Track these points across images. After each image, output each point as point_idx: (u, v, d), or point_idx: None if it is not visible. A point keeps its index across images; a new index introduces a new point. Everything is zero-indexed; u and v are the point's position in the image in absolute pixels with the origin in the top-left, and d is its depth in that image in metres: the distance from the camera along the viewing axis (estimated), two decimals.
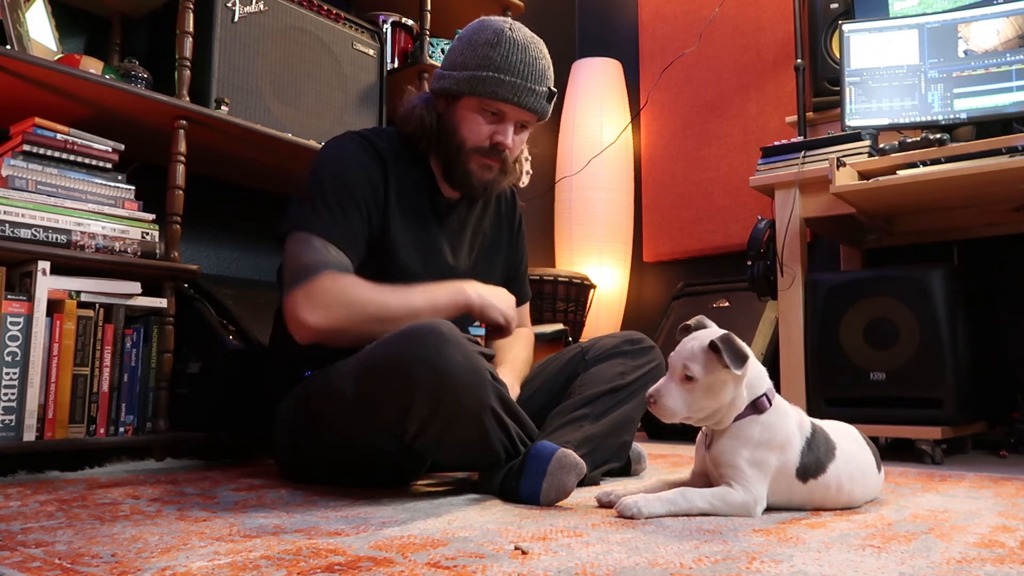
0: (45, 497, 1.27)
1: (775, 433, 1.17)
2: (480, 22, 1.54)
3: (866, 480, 1.27)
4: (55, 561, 0.83)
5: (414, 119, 1.54)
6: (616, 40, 3.68)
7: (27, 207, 1.59)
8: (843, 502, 1.25)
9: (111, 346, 1.70)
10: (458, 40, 1.55)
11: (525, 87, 1.48)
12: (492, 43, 1.48)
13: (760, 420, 1.17)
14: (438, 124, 1.53)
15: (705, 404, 1.14)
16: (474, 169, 1.52)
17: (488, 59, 1.47)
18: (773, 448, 1.16)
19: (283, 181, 2.33)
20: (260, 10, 2.07)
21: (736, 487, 1.15)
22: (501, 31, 1.49)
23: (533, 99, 1.50)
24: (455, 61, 1.52)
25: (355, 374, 1.30)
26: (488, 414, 1.26)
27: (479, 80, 1.47)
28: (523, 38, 1.50)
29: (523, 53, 1.48)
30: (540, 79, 1.50)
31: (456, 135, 1.51)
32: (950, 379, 2.04)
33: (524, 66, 1.48)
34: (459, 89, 1.49)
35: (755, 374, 1.18)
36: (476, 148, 1.51)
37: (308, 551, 0.89)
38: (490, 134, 1.50)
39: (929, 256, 2.57)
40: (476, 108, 1.50)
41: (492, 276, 1.72)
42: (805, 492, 1.20)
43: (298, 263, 1.39)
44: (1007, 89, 2.18)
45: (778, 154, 2.40)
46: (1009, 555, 0.92)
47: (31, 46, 1.71)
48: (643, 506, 1.12)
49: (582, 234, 3.34)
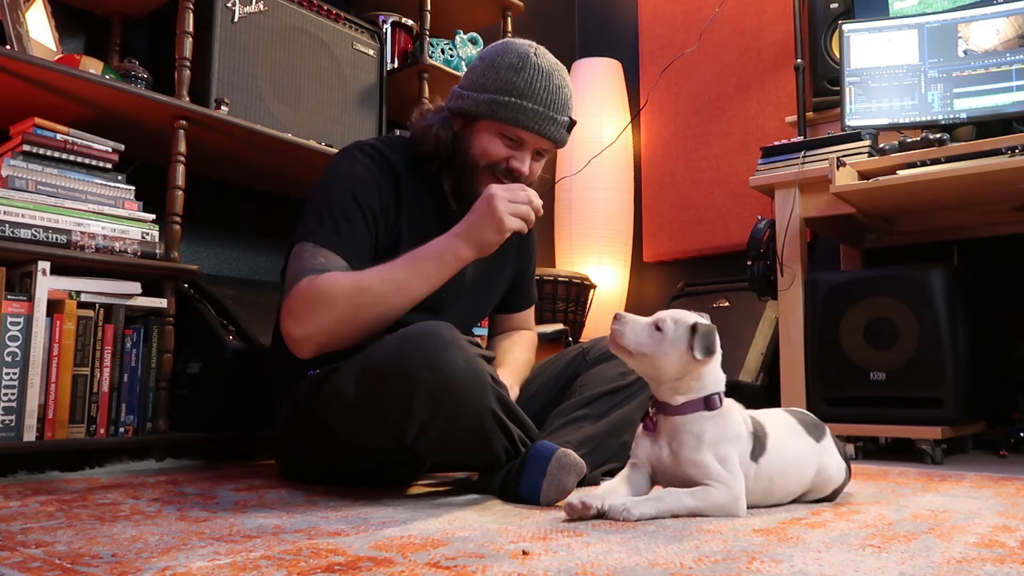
0: (45, 497, 1.27)
1: (728, 427, 1.20)
2: (505, 44, 1.50)
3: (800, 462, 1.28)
4: (55, 561, 0.83)
5: (430, 139, 1.50)
6: (616, 40, 3.68)
7: (27, 207, 1.59)
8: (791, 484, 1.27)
9: (111, 346, 1.70)
10: (480, 60, 1.51)
11: (547, 116, 1.45)
12: (516, 68, 1.45)
13: (711, 416, 1.19)
14: (453, 143, 1.50)
15: (654, 356, 1.18)
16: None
17: (511, 84, 1.44)
18: (729, 440, 1.19)
19: (283, 181, 2.33)
20: (260, 10, 2.07)
21: (717, 485, 1.16)
22: (526, 56, 1.46)
23: (554, 128, 1.48)
24: (476, 82, 1.48)
25: (356, 375, 1.29)
26: (488, 416, 1.26)
27: (500, 105, 1.44)
28: (548, 65, 1.47)
29: (547, 80, 1.45)
30: (562, 108, 1.48)
31: (470, 155, 1.48)
32: (950, 379, 2.04)
33: (547, 94, 1.45)
34: (479, 111, 1.46)
35: (714, 375, 1.21)
36: (490, 166, 1.48)
37: (308, 551, 0.89)
38: (506, 157, 1.48)
39: (929, 256, 2.57)
40: (495, 132, 1.47)
41: (499, 285, 1.71)
42: (757, 474, 1.22)
43: (287, 277, 1.39)
44: (1007, 89, 2.18)
45: (778, 154, 2.40)
46: (1009, 555, 0.92)
47: (31, 46, 1.71)
48: (633, 509, 1.12)
49: (582, 234, 3.34)
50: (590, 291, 2.98)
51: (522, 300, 1.79)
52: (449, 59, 2.62)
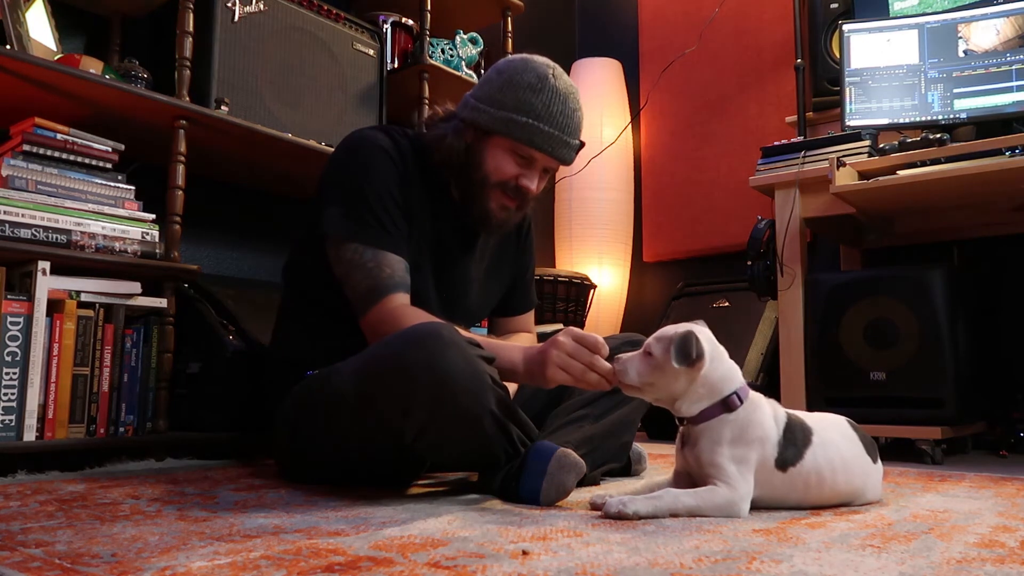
0: (45, 497, 1.27)
1: (750, 428, 1.19)
2: (523, 61, 1.50)
3: (850, 469, 1.26)
4: (55, 561, 0.83)
5: (443, 149, 1.51)
6: (616, 40, 3.68)
7: (27, 207, 1.59)
8: (829, 492, 1.24)
9: (111, 346, 1.70)
10: (498, 74, 1.50)
11: (561, 140, 1.47)
12: (535, 88, 1.45)
13: (731, 419, 1.19)
14: (465, 155, 1.51)
15: (655, 382, 1.20)
16: (493, 208, 1.51)
17: (529, 105, 1.45)
18: (751, 443, 1.18)
19: (283, 181, 2.33)
20: (260, 10, 2.07)
21: (721, 485, 1.16)
22: (545, 77, 1.46)
23: (566, 151, 1.49)
24: (493, 96, 1.48)
25: (355, 375, 1.29)
26: (488, 417, 1.26)
27: (517, 124, 1.45)
28: (564, 87, 1.48)
29: (563, 104, 1.46)
30: (575, 132, 1.50)
31: (481, 170, 1.49)
32: (950, 379, 2.04)
33: (564, 118, 1.46)
34: (494, 127, 1.47)
35: (719, 375, 1.21)
36: (500, 184, 1.49)
37: (308, 551, 0.89)
38: (516, 175, 1.49)
39: (929, 256, 2.57)
40: (507, 149, 1.48)
41: (498, 288, 1.72)
42: (786, 482, 1.21)
43: (360, 288, 1.40)
44: (1007, 89, 2.18)
45: (778, 154, 2.40)
46: (1009, 555, 0.92)
47: (31, 46, 1.71)
48: (629, 504, 1.12)
49: (582, 234, 3.34)
50: (590, 291, 2.98)
51: (522, 302, 1.79)
52: (449, 59, 2.62)
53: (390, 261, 1.41)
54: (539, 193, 1.56)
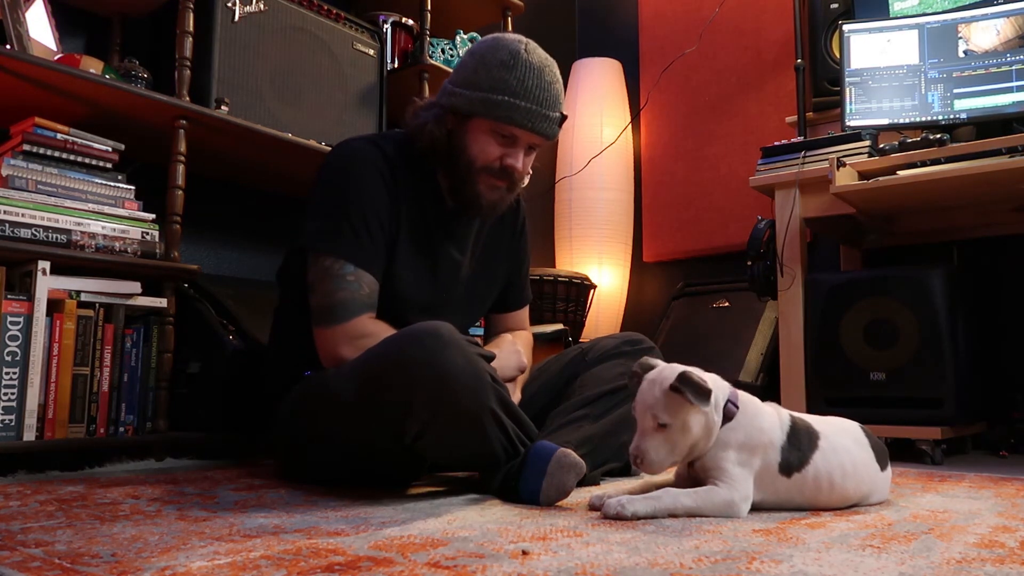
0: (45, 497, 1.27)
1: (756, 434, 1.19)
2: (495, 40, 1.50)
3: (858, 474, 1.25)
4: (55, 561, 0.83)
5: (424, 137, 1.51)
6: (616, 40, 3.68)
7: (27, 207, 1.59)
8: (836, 497, 1.24)
9: (111, 346, 1.70)
10: (471, 56, 1.51)
11: (540, 113, 1.46)
12: (508, 65, 1.44)
13: (735, 425, 1.19)
14: (448, 141, 1.51)
15: (684, 443, 1.16)
16: (483, 190, 1.51)
17: (503, 82, 1.44)
18: (754, 449, 1.18)
19: (283, 181, 2.33)
20: (260, 10, 2.06)
21: (721, 485, 1.17)
22: (517, 53, 1.46)
23: (546, 125, 1.48)
24: (468, 79, 1.48)
25: (355, 375, 1.30)
26: (488, 416, 1.26)
27: (493, 103, 1.44)
28: (538, 61, 1.47)
29: (538, 78, 1.46)
30: (554, 104, 1.48)
31: (466, 154, 1.49)
32: (950, 379, 2.04)
33: (540, 91, 1.45)
34: (472, 109, 1.46)
35: (716, 392, 1.18)
36: (486, 168, 1.49)
37: (308, 551, 0.89)
38: (500, 156, 1.49)
39: (929, 256, 2.57)
40: (488, 130, 1.47)
41: (493, 283, 1.71)
42: (791, 487, 1.21)
43: (333, 298, 1.40)
44: (1007, 89, 2.18)
45: (778, 154, 2.40)
46: (1009, 555, 0.92)
47: (31, 46, 1.71)
48: (627, 505, 1.12)
49: (582, 234, 3.34)
50: (590, 291, 2.98)
51: (517, 298, 1.79)
52: (449, 59, 2.62)
53: (365, 280, 1.42)
54: (528, 172, 1.55)
